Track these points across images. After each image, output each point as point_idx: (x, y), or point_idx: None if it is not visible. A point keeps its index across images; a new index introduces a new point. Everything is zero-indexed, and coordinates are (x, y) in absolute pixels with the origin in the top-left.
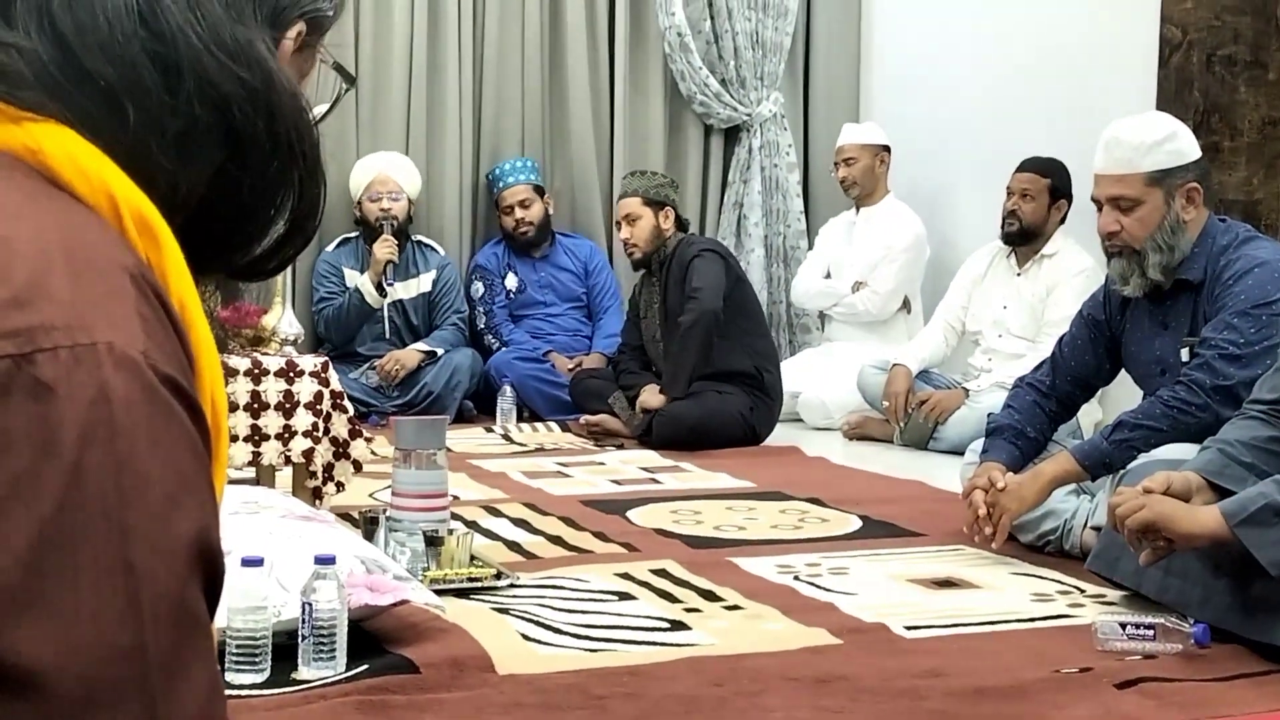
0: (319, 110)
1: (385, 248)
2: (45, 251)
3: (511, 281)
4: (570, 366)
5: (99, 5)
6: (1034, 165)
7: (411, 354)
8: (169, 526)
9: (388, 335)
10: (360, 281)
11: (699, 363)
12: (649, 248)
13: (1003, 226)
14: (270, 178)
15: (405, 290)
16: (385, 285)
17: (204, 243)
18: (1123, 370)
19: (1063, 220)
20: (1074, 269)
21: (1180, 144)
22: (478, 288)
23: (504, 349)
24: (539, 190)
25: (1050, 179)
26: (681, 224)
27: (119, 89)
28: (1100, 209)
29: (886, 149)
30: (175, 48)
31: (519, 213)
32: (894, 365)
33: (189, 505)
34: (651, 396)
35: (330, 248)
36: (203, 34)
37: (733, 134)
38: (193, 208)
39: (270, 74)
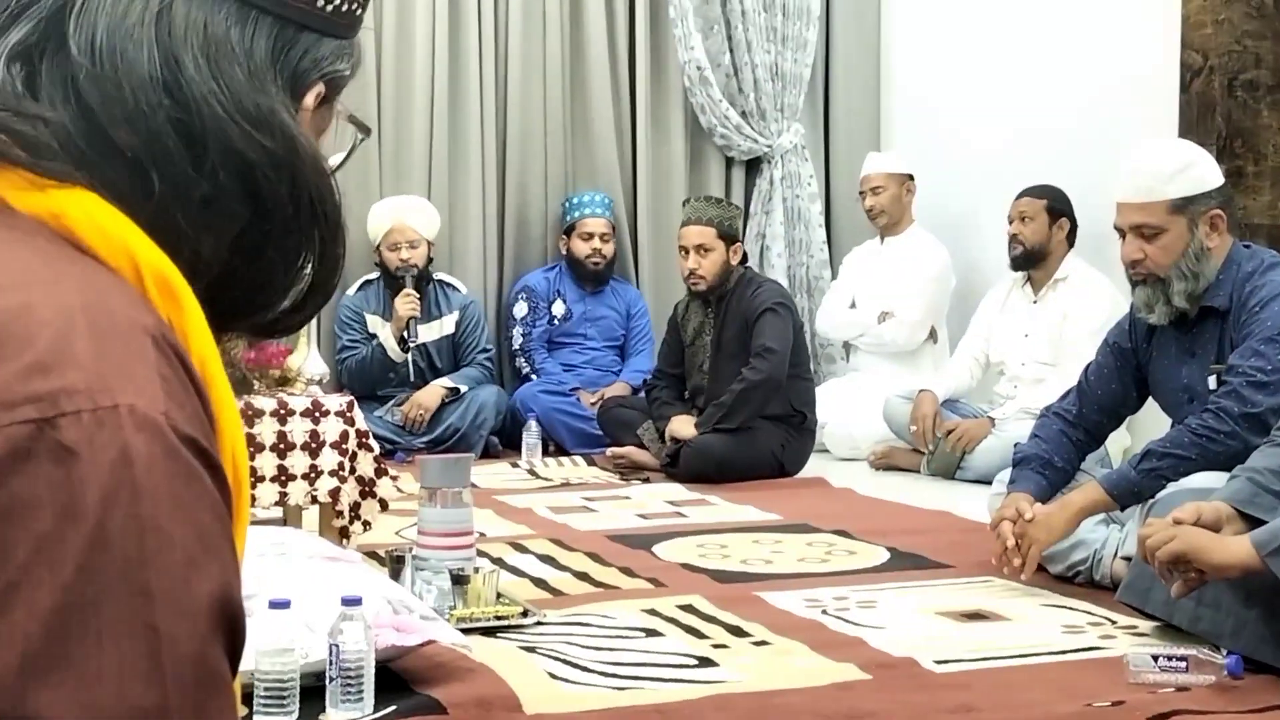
0: (334, 160)
1: (407, 304)
2: (67, 315)
3: (559, 308)
4: (592, 400)
5: (124, 77)
6: (1029, 190)
7: (434, 393)
8: (191, 587)
9: (412, 379)
10: (383, 336)
11: (747, 419)
12: (715, 281)
13: (1009, 252)
14: (292, 240)
15: (428, 333)
16: (409, 341)
17: (227, 304)
18: (1150, 398)
19: (1071, 241)
20: (1087, 289)
21: (1202, 171)
22: (521, 307)
23: (530, 382)
24: (613, 228)
25: (1046, 199)
26: (743, 256)
27: (144, 158)
28: (1123, 237)
29: (912, 178)
30: (199, 117)
31: (599, 243)
32: (920, 391)
33: (210, 566)
34: (683, 426)
35: (351, 291)
36: (226, 103)
37: (754, 166)
38: (216, 271)
39: (293, 139)
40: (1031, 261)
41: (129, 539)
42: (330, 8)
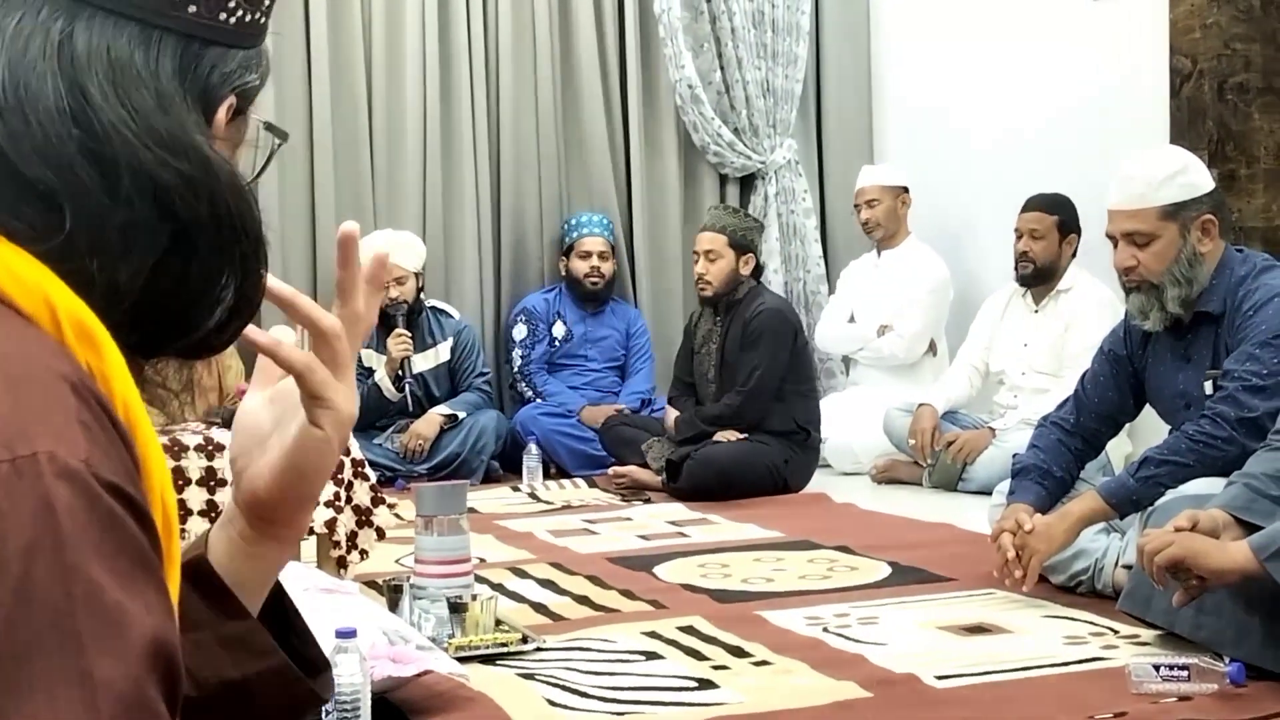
0: (252, 172)
1: (399, 345)
2: None
3: (559, 330)
4: (596, 415)
5: (30, 110)
6: (1039, 203)
7: (432, 421)
8: (122, 632)
9: (410, 409)
10: (378, 375)
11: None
12: (722, 288)
13: (1016, 269)
14: (215, 260)
15: (424, 361)
16: (403, 380)
17: (153, 326)
18: (1148, 405)
19: (1074, 254)
20: (1091, 301)
21: (1193, 176)
22: (520, 330)
23: (533, 403)
24: (612, 248)
25: (1057, 215)
26: (757, 270)
27: (58, 192)
28: (1116, 245)
29: (907, 190)
30: (110, 144)
31: (597, 261)
32: (920, 405)
33: (139, 609)
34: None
35: None
36: (135, 128)
37: (748, 182)
38: (137, 296)
39: (206, 160)
40: (1041, 279)
41: (55, 588)
42: (234, 20)
